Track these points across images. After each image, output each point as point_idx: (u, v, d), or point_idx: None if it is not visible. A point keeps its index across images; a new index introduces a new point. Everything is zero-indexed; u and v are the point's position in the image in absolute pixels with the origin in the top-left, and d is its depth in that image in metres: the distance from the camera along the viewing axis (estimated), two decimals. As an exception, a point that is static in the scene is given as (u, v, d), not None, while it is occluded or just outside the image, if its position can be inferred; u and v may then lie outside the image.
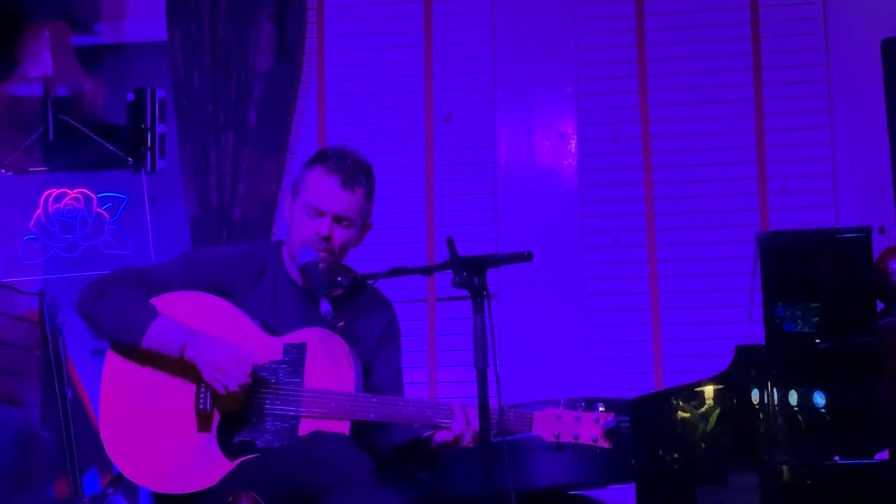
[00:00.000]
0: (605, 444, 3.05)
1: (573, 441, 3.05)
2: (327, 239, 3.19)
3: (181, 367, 3.12)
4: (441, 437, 3.11)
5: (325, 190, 3.21)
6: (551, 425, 3.06)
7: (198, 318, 3.16)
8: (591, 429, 3.05)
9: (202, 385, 3.12)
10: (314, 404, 3.08)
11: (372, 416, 3.08)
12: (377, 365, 3.32)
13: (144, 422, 3.13)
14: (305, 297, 3.26)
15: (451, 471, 3.89)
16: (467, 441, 3.09)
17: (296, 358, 3.13)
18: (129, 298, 3.15)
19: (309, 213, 3.21)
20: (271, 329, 3.19)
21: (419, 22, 5.35)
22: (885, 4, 4.94)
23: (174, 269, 3.25)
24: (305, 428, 3.06)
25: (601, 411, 3.07)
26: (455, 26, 5.33)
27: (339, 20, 5.42)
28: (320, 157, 3.27)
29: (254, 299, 3.23)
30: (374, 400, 3.09)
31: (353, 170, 3.24)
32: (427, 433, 3.16)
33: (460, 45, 5.32)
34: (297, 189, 3.27)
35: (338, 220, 3.21)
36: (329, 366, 3.11)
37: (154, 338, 3.10)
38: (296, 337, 3.15)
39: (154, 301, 3.17)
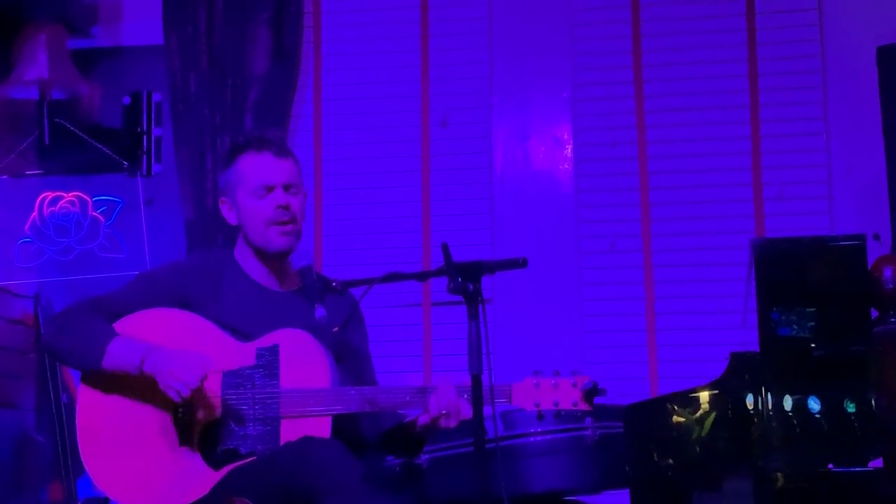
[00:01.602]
0: (585, 407, 3.04)
1: (554, 408, 3.05)
2: (287, 207, 3.21)
3: (153, 384, 3.10)
4: (423, 419, 3.11)
5: (264, 166, 3.23)
6: (530, 395, 3.06)
7: (167, 334, 3.15)
8: (569, 393, 3.05)
9: None
10: (293, 404, 3.08)
11: (352, 407, 3.08)
12: (347, 351, 3.30)
13: (126, 444, 3.11)
14: (268, 296, 3.26)
15: (444, 476, 3.89)
16: (450, 422, 3.08)
17: (269, 361, 3.12)
18: (87, 325, 3.13)
19: (259, 193, 3.22)
20: (241, 334, 3.17)
21: (416, 27, 5.35)
22: (880, 12, 4.95)
23: (134, 291, 3.23)
24: (287, 428, 3.06)
25: (578, 374, 3.07)
26: (451, 31, 5.33)
27: (335, 24, 5.42)
28: (239, 148, 3.30)
29: (218, 307, 3.21)
30: (351, 392, 3.09)
31: (277, 141, 3.29)
32: (410, 417, 3.15)
33: (457, 51, 5.32)
34: (233, 185, 3.27)
35: (286, 188, 3.24)
36: (303, 364, 3.11)
37: (112, 359, 3.09)
38: (267, 340, 3.14)
39: (121, 323, 3.16)
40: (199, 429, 3.10)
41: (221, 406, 3.10)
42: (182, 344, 3.12)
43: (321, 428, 3.04)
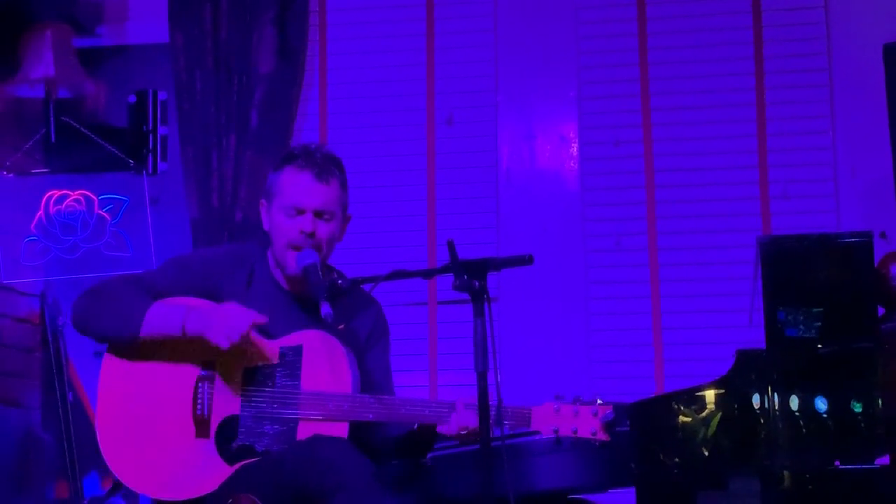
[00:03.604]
0: (604, 437, 3.04)
1: (572, 435, 3.05)
2: (312, 235, 3.18)
3: (178, 373, 3.12)
4: (441, 429, 3.10)
5: (300, 187, 3.19)
6: (550, 420, 3.06)
7: None
8: (589, 422, 3.05)
9: (199, 390, 3.12)
10: (312, 407, 3.08)
11: (370, 416, 3.07)
12: (368, 361, 3.30)
13: (142, 429, 3.12)
14: (295, 301, 3.26)
15: (450, 474, 3.89)
16: (465, 435, 3.08)
17: (292, 361, 3.12)
18: (121, 295, 3.13)
19: (289, 213, 3.20)
20: (265, 332, 3.18)
21: (421, 25, 5.35)
22: (887, 10, 4.94)
23: (165, 275, 3.23)
24: (304, 431, 3.06)
25: (599, 404, 3.06)
26: (457, 30, 5.33)
27: (341, 23, 5.42)
28: (288, 158, 3.26)
29: (244, 302, 3.21)
30: (371, 400, 3.08)
31: (324, 162, 3.22)
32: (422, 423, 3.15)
33: (462, 49, 5.32)
34: (272, 193, 3.25)
35: (318, 214, 3.20)
36: (326, 368, 3.11)
37: (151, 325, 3.08)
38: (292, 340, 3.14)
39: None
40: (217, 422, 3.10)
41: (240, 401, 3.10)
42: None
43: (338, 433, 3.04)
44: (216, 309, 3.07)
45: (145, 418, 3.12)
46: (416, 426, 3.15)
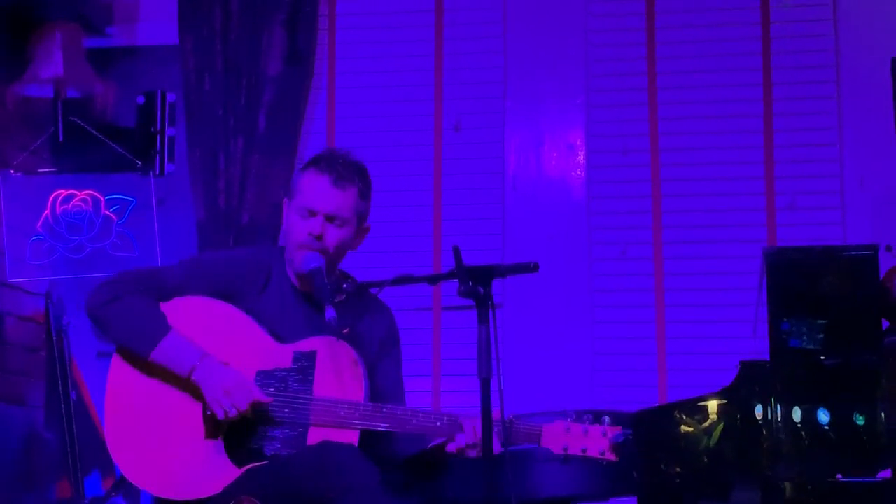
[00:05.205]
0: (612, 457, 3.06)
1: (581, 454, 3.06)
2: (319, 238, 3.19)
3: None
4: (448, 448, 3.11)
5: (316, 189, 3.21)
6: (560, 438, 3.06)
7: (206, 325, 3.17)
8: (598, 442, 3.06)
9: None
10: (323, 413, 3.08)
11: (383, 426, 3.07)
12: (379, 370, 3.31)
13: (151, 426, 3.13)
14: (309, 304, 3.26)
15: (453, 481, 3.89)
16: (474, 454, 3.09)
17: (306, 366, 3.12)
18: (141, 307, 3.15)
19: (303, 213, 3.22)
20: (278, 336, 3.19)
21: (430, 31, 5.35)
22: (895, 23, 4.94)
23: (183, 273, 3.25)
24: (314, 436, 3.06)
25: (608, 425, 3.07)
26: (466, 36, 5.34)
27: (350, 27, 5.42)
28: (314, 161, 3.28)
29: (261, 305, 3.23)
30: (383, 410, 3.08)
31: (344, 169, 3.24)
32: (434, 443, 3.15)
33: (471, 55, 5.32)
34: (293, 193, 3.28)
35: (330, 218, 3.21)
36: (339, 375, 3.11)
37: (164, 354, 3.11)
38: (306, 345, 3.15)
39: (164, 307, 3.17)
40: (227, 424, 3.11)
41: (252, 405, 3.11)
42: (220, 337, 3.14)
43: (348, 441, 3.04)
44: (226, 374, 3.09)
45: (155, 416, 3.13)
46: (427, 446, 3.15)
